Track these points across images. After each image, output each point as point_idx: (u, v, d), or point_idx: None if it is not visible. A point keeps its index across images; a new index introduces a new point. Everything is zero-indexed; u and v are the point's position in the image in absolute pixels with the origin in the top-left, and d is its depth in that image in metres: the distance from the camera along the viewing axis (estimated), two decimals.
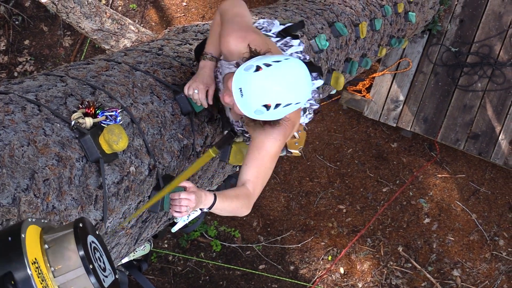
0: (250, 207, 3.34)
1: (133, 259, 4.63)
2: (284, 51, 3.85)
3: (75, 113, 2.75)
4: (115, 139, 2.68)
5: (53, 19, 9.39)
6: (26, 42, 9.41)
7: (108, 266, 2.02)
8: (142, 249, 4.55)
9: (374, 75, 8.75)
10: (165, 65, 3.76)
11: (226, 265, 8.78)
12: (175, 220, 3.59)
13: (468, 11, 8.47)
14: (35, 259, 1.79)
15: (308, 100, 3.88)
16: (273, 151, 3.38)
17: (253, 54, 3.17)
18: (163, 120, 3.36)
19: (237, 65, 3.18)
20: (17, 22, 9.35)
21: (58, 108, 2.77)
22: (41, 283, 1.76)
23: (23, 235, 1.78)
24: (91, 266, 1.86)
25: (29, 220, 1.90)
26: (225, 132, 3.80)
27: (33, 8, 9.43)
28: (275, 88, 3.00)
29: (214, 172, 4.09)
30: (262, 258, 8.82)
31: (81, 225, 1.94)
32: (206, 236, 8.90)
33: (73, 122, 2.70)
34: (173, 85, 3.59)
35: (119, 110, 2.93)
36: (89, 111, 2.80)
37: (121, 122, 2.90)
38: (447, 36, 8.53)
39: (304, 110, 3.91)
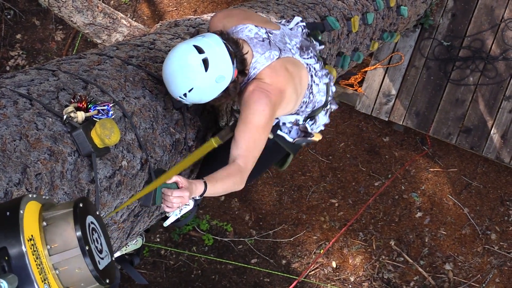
0: (244, 181, 3.34)
1: (125, 253, 4.64)
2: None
3: (67, 108, 2.75)
4: (107, 133, 2.69)
5: (45, 13, 9.37)
6: (18, 36, 9.40)
7: (105, 248, 2.01)
8: (134, 243, 4.56)
9: (366, 69, 8.76)
10: (157, 59, 3.76)
11: (218, 259, 8.79)
12: (167, 215, 3.59)
13: (460, 5, 8.49)
14: (32, 236, 1.79)
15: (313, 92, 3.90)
16: (259, 122, 3.36)
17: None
18: (155, 114, 3.37)
19: None
20: (9, 16, 9.33)
21: (50, 102, 2.78)
22: (35, 261, 1.75)
23: (21, 211, 1.77)
24: (87, 248, 1.85)
25: (30, 196, 1.88)
26: (231, 123, 3.77)
27: (25, 2, 9.42)
28: (169, 81, 3.26)
29: None
30: (254, 252, 8.84)
31: (81, 204, 1.94)
32: (198, 230, 8.91)
33: (65, 116, 2.70)
34: None
35: (111, 105, 2.94)
36: (81, 106, 2.80)
37: (113, 117, 2.91)
38: (439, 30, 8.54)
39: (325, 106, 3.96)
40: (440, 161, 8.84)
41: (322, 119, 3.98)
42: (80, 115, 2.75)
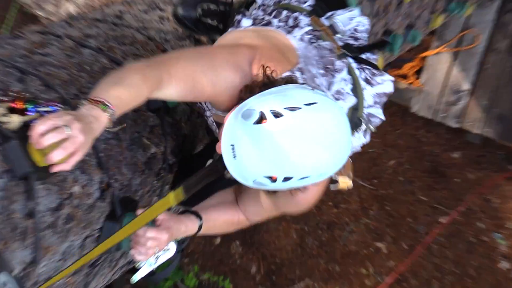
0: None
1: None
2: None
3: None
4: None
5: None
6: None
7: None
8: None
9: (425, 53, 8.78)
10: (125, 39, 3.79)
11: None
12: (136, 266, 3.60)
13: None
14: None
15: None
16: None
17: (267, 83, 2.90)
18: (122, 119, 3.38)
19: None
20: None
21: None
22: None
23: None
24: None
25: None
26: (208, 162, 3.52)
27: None
28: (287, 156, 2.67)
29: None
30: None
31: None
32: (183, 286, 8.92)
33: None
34: None
35: (59, 105, 2.95)
36: (16, 106, 2.82)
37: None
38: None
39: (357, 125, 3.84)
40: None
41: None
42: (15, 120, 2.76)
